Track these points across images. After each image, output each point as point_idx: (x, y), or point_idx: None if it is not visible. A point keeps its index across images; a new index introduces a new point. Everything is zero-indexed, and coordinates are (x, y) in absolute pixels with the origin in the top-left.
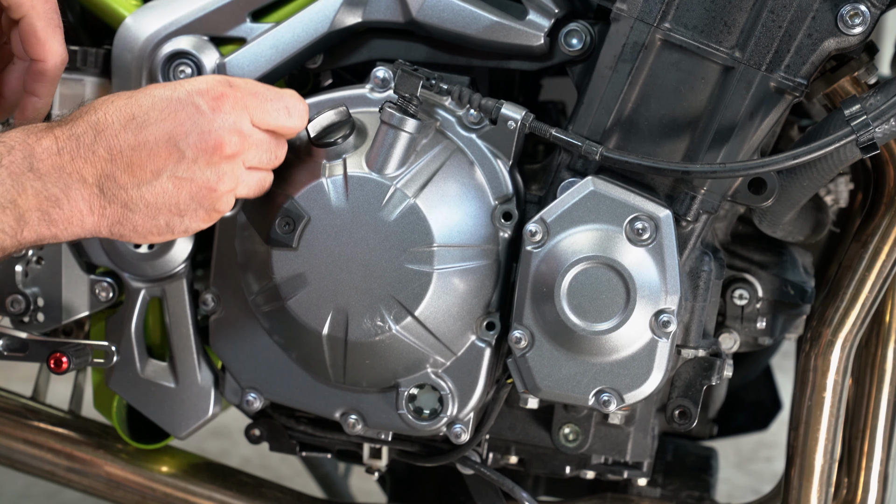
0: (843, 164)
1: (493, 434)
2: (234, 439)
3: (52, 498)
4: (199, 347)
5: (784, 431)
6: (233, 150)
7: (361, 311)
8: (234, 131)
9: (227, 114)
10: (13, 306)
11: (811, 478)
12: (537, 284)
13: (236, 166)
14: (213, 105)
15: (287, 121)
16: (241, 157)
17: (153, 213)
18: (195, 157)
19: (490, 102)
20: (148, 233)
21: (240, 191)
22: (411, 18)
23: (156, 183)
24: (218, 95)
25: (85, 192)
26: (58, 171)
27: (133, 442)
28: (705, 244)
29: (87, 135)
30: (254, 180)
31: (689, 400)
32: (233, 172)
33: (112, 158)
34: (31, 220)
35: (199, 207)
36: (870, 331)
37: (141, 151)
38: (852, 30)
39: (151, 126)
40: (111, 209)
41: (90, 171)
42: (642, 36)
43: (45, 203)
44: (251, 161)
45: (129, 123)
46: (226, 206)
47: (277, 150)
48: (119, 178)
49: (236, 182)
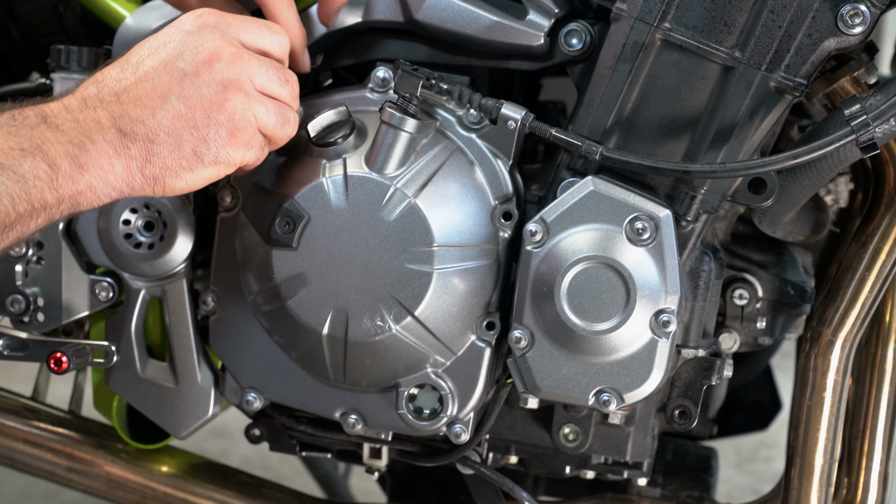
0: (843, 164)
1: (493, 434)
2: (234, 439)
3: (52, 498)
4: (199, 347)
5: (784, 431)
6: (229, 56)
7: (361, 311)
8: (224, 40)
9: (214, 27)
10: (13, 306)
11: (811, 478)
12: (537, 284)
13: (241, 75)
14: (197, 23)
15: (270, 38)
16: (241, 64)
17: (176, 141)
18: (196, 71)
19: (490, 102)
20: (179, 167)
21: (256, 108)
22: (411, 18)
23: (167, 106)
24: (199, 14)
25: (105, 135)
26: (72, 122)
27: (133, 442)
28: (705, 244)
29: (88, 90)
30: (271, 104)
31: (689, 400)
32: (238, 81)
33: (119, 99)
34: (62, 166)
35: (218, 126)
36: (870, 331)
37: (144, 83)
38: (852, 30)
39: (146, 60)
40: (135, 147)
41: (103, 114)
42: (642, 36)
43: (70, 148)
44: (258, 78)
45: (125, 68)
46: (245, 123)
47: (283, 72)
48: (132, 113)
49: (246, 94)
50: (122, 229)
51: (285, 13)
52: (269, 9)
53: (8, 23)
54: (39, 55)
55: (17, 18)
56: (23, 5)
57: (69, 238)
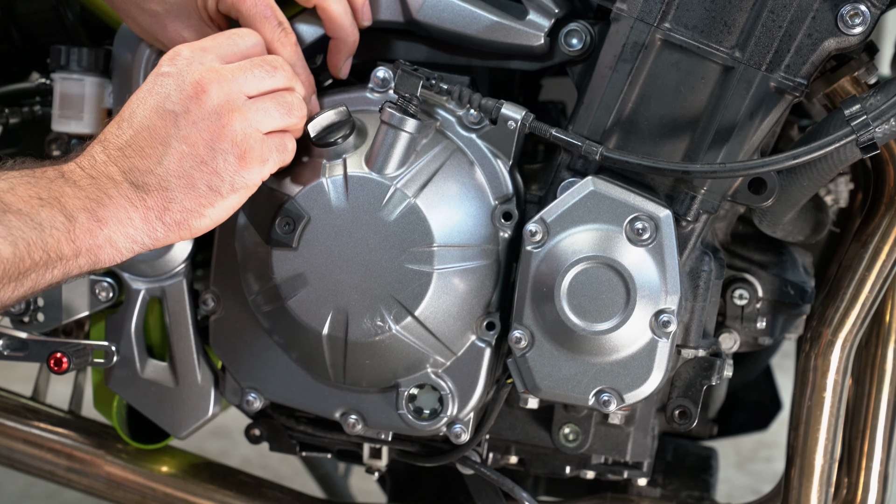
0: (843, 164)
1: (493, 434)
2: (234, 439)
3: (52, 498)
4: (199, 347)
5: (784, 431)
6: (212, 82)
7: (361, 311)
8: (201, 67)
9: (187, 59)
10: (13, 306)
11: (811, 478)
12: (537, 284)
13: (230, 95)
14: (172, 63)
15: (241, 40)
16: (226, 84)
17: (189, 183)
18: (186, 109)
19: (490, 102)
20: (198, 206)
21: (255, 118)
22: (411, 18)
23: (170, 151)
24: (173, 55)
25: (120, 189)
26: (87, 179)
27: (133, 442)
28: (705, 244)
29: (95, 150)
30: (268, 103)
31: (689, 400)
32: (229, 103)
33: (124, 154)
34: (79, 218)
35: (225, 155)
36: (870, 331)
37: (142, 133)
38: (852, 30)
39: (137, 112)
40: (151, 198)
41: (114, 170)
42: (642, 36)
43: (87, 202)
44: (247, 85)
45: (121, 123)
46: (249, 141)
47: (265, 63)
48: (139, 164)
49: (241, 110)
50: None
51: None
52: (273, 49)
53: (8, 23)
54: (39, 55)
55: (17, 18)
56: (23, 5)
57: None
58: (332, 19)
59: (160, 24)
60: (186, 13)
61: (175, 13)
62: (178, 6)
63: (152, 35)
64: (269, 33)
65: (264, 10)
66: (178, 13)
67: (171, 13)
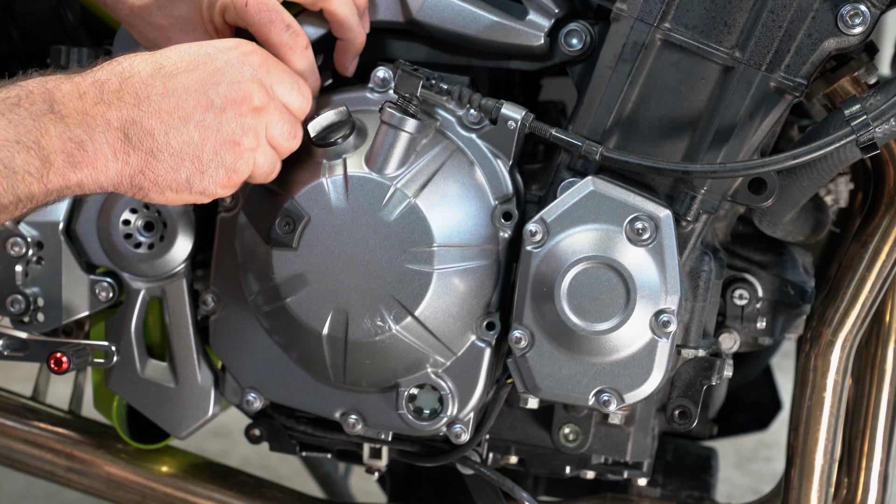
0: (843, 164)
1: (493, 434)
2: (234, 439)
3: (52, 498)
4: (199, 347)
5: (784, 431)
6: (260, 104)
7: (361, 311)
8: (261, 86)
9: (256, 69)
10: (13, 306)
11: (811, 478)
12: (537, 284)
13: (260, 125)
14: (242, 59)
15: (298, 97)
16: (265, 115)
17: (176, 164)
18: (223, 107)
19: (490, 102)
20: (167, 187)
21: (259, 157)
22: (411, 18)
23: (183, 129)
24: (247, 52)
25: (110, 136)
26: (80, 114)
27: (133, 442)
28: (705, 244)
29: (111, 81)
30: (270, 154)
31: (689, 400)
32: (256, 130)
33: (139, 104)
34: (55, 162)
35: (220, 165)
36: (870, 331)
37: (170, 98)
38: (852, 30)
39: (181, 75)
40: (135, 156)
41: (115, 115)
42: (642, 36)
43: (69, 144)
44: (273, 129)
45: (157, 72)
46: (245, 168)
47: (295, 128)
48: (146, 123)
49: (258, 143)
50: (121, 229)
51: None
52: (287, 60)
53: (8, 23)
54: (39, 55)
55: (17, 18)
56: (23, 5)
57: (69, 238)
58: (341, 22)
59: (165, 38)
60: (192, 26)
61: (180, 26)
62: (184, 19)
63: (157, 48)
64: (276, 37)
65: (269, 15)
66: (184, 26)
67: (177, 26)
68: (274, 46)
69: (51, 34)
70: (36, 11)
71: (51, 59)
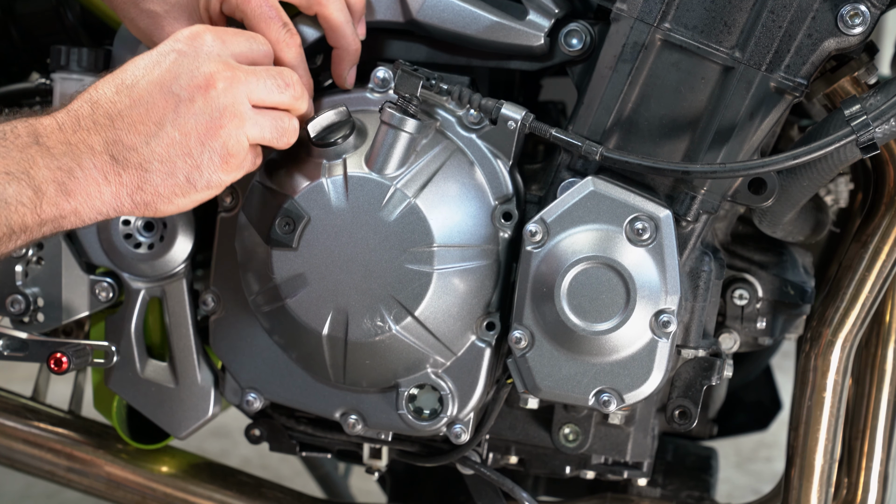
0: (843, 164)
1: (493, 434)
2: (234, 439)
3: (52, 498)
4: (199, 347)
5: (784, 431)
6: (225, 80)
7: (361, 311)
8: (219, 62)
9: (210, 46)
10: (13, 306)
11: (811, 478)
12: (537, 284)
13: (237, 99)
14: (192, 44)
15: (258, 47)
16: (237, 86)
17: (169, 169)
18: (191, 97)
19: (490, 102)
20: (171, 194)
21: (250, 130)
22: (411, 18)
23: (162, 134)
24: (195, 34)
25: (97, 161)
26: (64, 144)
27: (133, 442)
28: (705, 244)
29: (83, 108)
30: (266, 120)
31: (689, 400)
32: (234, 107)
33: (113, 123)
34: (48, 191)
35: (212, 153)
36: (870, 331)
37: (138, 107)
38: (852, 30)
39: (141, 82)
40: (127, 175)
41: (96, 139)
42: (642, 36)
43: (58, 174)
44: (255, 93)
45: (119, 88)
46: (238, 148)
47: (280, 77)
48: (125, 139)
49: (241, 118)
50: (121, 229)
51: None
52: (280, 55)
53: (8, 23)
54: (39, 55)
55: (17, 18)
56: (23, 5)
57: (69, 238)
58: (335, 28)
59: (158, 26)
60: (186, 14)
61: (174, 14)
62: (179, 7)
63: (149, 37)
64: (274, 34)
65: (269, 11)
66: (178, 14)
67: (171, 14)
68: (270, 42)
69: (51, 34)
70: (36, 11)
71: (51, 59)
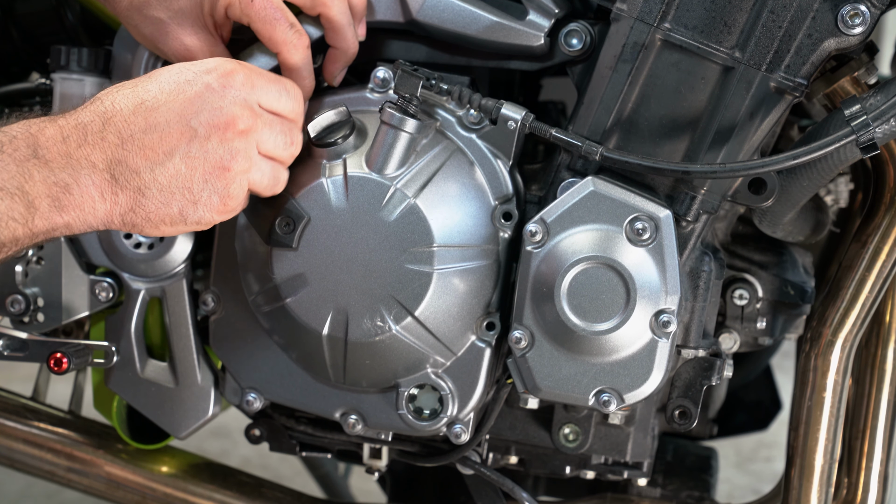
0: (843, 164)
1: (493, 434)
2: (234, 439)
3: (52, 498)
4: (199, 347)
5: (784, 431)
6: (245, 126)
7: (361, 311)
8: (245, 107)
9: (238, 89)
10: (13, 306)
11: (811, 478)
12: (537, 284)
13: (249, 146)
14: (223, 82)
15: (286, 102)
16: (253, 135)
17: (166, 199)
18: (207, 135)
19: (490, 102)
20: (160, 221)
21: (253, 176)
22: (411, 18)
23: (168, 164)
24: (227, 72)
25: (96, 178)
26: (65, 157)
27: (133, 442)
28: (705, 244)
29: (94, 123)
30: (268, 168)
31: (689, 400)
32: (246, 152)
33: (123, 143)
34: (41, 207)
35: (212, 192)
36: (870, 331)
37: (153, 133)
38: (852, 30)
39: (162, 108)
40: (124, 195)
41: (100, 156)
42: (642, 36)
43: (54, 189)
44: (265, 144)
45: (138, 108)
46: (239, 192)
47: (292, 135)
48: (131, 162)
49: (249, 164)
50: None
51: (299, 62)
52: (287, 57)
53: (8, 23)
54: (39, 55)
55: (17, 18)
56: (23, 5)
57: (69, 238)
58: (336, 29)
59: (162, 32)
60: (191, 20)
61: (179, 20)
62: (183, 13)
63: (153, 43)
64: (281, 35)
65: (274, 13)
66: (182, 20)
67: (175, 20)
68: (276, 44)
69: (51, 34)
70: (36, 11)
71: (51, 59)
